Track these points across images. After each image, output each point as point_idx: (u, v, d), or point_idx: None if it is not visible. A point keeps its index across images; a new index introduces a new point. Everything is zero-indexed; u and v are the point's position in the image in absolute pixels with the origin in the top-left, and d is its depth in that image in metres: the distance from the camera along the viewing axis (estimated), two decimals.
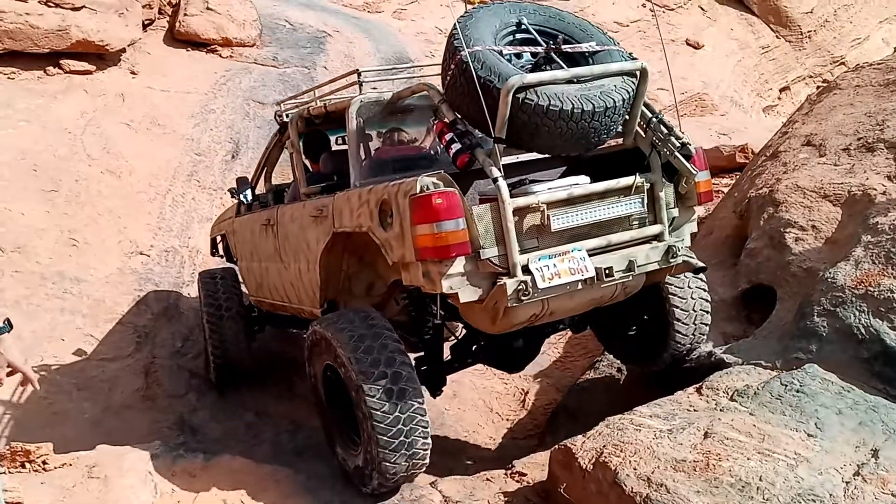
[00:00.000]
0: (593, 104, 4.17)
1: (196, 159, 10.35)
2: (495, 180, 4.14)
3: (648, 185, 4.59)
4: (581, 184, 4.47)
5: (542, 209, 4.26)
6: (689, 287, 5.31)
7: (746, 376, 4.83)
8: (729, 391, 4.68)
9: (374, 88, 5.69)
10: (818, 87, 19.17)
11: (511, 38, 4.50)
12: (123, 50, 11.44)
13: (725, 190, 9.79)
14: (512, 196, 4.19)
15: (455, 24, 4.36)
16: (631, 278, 4.58)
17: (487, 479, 5.24)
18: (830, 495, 3.74)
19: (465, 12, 4.51)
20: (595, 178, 4.55)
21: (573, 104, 4.13)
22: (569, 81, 4.22)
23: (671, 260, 4.65)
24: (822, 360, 4.84)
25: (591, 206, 4.43)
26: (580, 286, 4.36)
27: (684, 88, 17.21)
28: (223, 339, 6.92)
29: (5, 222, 8.12)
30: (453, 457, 6.31)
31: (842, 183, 6.03)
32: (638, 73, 4.39)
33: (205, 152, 10.52)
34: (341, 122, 5.05)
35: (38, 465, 4.26)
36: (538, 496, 4.74)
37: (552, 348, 7.97)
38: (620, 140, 4.73)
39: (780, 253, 5.82)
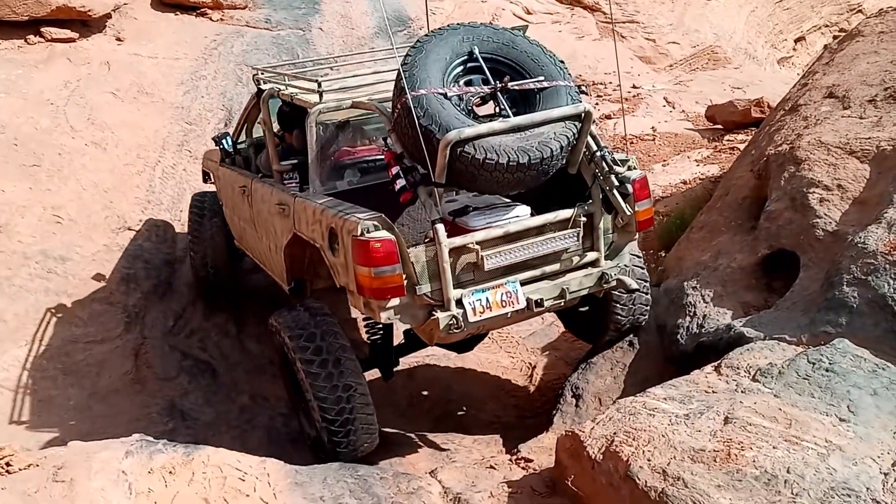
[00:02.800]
0: (529, 156, 4.30)
1: (187, 128, 9.93)
2: (433, 223, 4.41)
3: (586, 217, 4.77)
4: (519, 218, 4.71)
5: (476, 250, 4.51)
6: (631, 271, 5.43)
7: (770, 353, 4.43)
8: (751, 370, 4.29)
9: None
10: (835, 37, 18.52)
11: (462, 67, 4.55)
12: (108, 16, 10.96)
13: (741, 147, 9.34)
14: (449, 235, 4.45)
15: (403, 61, 4.44)
16: (562, 304, 4.85)
17: (491, 467, 4.91)
18: (868, 489, 3.37)
19: (417, 42, 4.56)
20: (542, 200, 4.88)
21: (509, 157, 4.26)
22: (508, 131, 4.31)
23: (604, 285, 4.91)
24: (853, 334, 4.44)
25: (527, 242, 4.65)
26: (510, 315, 4.66)
27: (696, 41, 16.65)
28: (204, 249, 7.40)
29: None
30: (458, 437, 5.98)
31: (869, 137, 5.57)
32: (581, 116, 4.50)
33: (196, 121, 10.10)
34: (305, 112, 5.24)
35: (2, 468, 3.94)
36: (545, 486, 4.39)
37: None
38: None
39: (802, 215, 5.39)
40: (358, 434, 4.87)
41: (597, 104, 13.48)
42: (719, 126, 11.79)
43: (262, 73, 5.94)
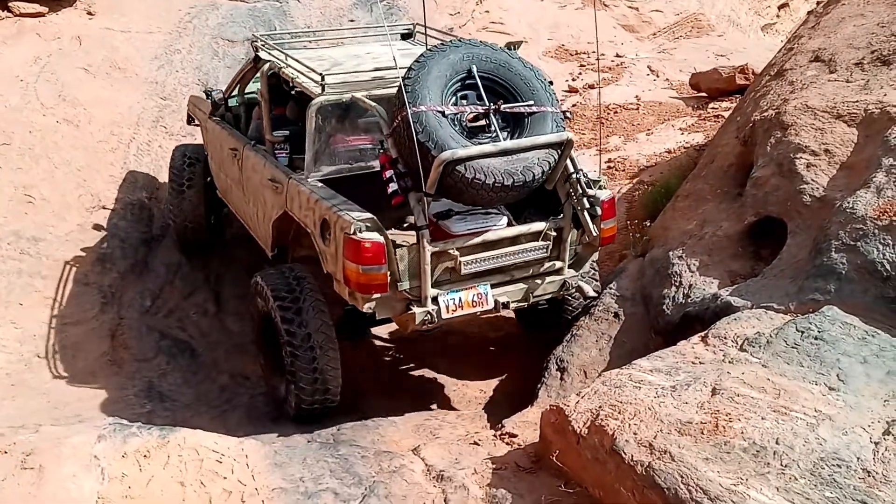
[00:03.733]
0: (514, 179, 4.75)
1: (162, 104, 9.69)
2: (419, 229, 4.78)
3: (555, 231, 5.21)
4: (496, 227, 5.13)
5: (455, 256, 4.96)
6: (590, 265, 5.82)
7: (757, 322, 4.34)
8: (738, 340, 4.20)
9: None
10: (819, 2, 18.39)
11: (461, 84, 4.95)
12: None
13: (726, 115, 9.22)
14: (432, 235, 4.87)
15: (406, 74, 4.83)
16: (525, 305, 5.39)
17: (475, 443, 4.81)
18: (858, 459, 3.29)
19: (421, 56, 4.93)
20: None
21: (495, 178, 4.71)
22: (497, 155, 4.73)
23: (564, 291, 5.43)
24: (843, 301, 4.35)
25: (501, 251, 5.09)
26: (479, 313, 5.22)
27: (679, 9, 16.45)
28: (183, 203, 7.54)
29: None
30: (442, 413, 5.88)
31: (857, 101, 5.46)
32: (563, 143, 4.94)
33: (171, 96, 9.85)
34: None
35: None
36: (530, 461, 4.30)
37: None
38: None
39: (789, 181, 5.28)
40: (326, 389, 5.29)
41: (580, 74, 13.34)
42: (704, 94, 11.65)
43: (261, 42, 6.23)
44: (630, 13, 16.23)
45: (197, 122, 7.83)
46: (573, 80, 13.15)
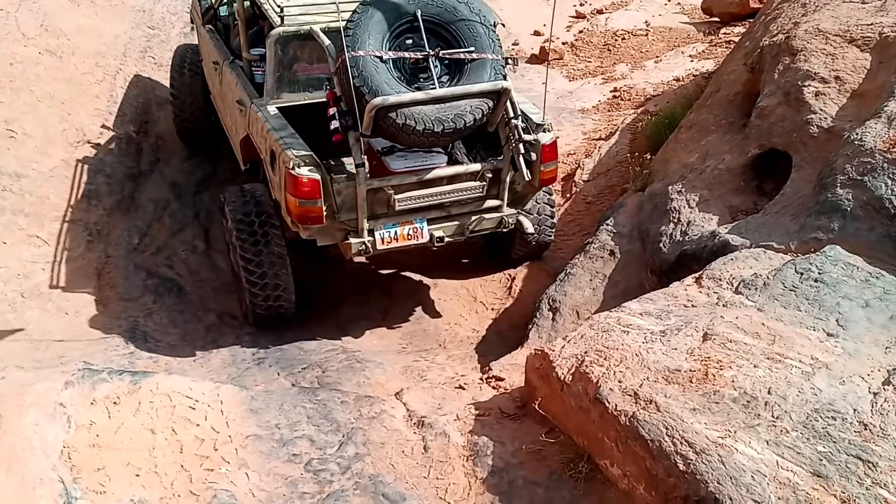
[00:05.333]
0: (444, 126, 4.93)
1: (150, 33, 9.38)
2: (358, 166, 4.99)
3: (492, 172, 5.38)
4: (434, 166, 5.36)
5: (390, 193, 5.17)
6: (535, 202, 6.10)
7: (755, 262, 4.10)
8: (734, 281, 3.97)
9: None
10: None
11: (408, 26, 5.05)
12: None
13: (738, 41, 8.80)
14: (375, 170, 5.21)
15: (350, 18, 4.97)
16: (462, 239, 5.57)
17: (460, 387, 4.66)
18: (855, 410, 3.09)
19: (364, 2, 5.04)
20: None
21: (425, 125, 4.90)
22: (429, 102, 4.88)
23: (502, 228, 5.60)
24: (846, 240, 4.10)
25: (438, 189, 5.29)
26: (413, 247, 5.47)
27: None
28: (183, 99, 7.80)
29: None
30: (432, 353, 5.73)
31: (871, 24, 5.10)
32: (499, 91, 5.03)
33: (159, 25, 9.54)
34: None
35: None
36: (515, 407, 4.14)
37: None
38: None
39: (796, 111, 4.97)
40: (278, 298, 5.72)
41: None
42: (716, 19, 11.17)
43: None
44: None
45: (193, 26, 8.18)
46: (580, 4, 12.65)
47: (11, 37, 8.36)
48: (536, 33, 11.57)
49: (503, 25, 5.62)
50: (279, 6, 5.62)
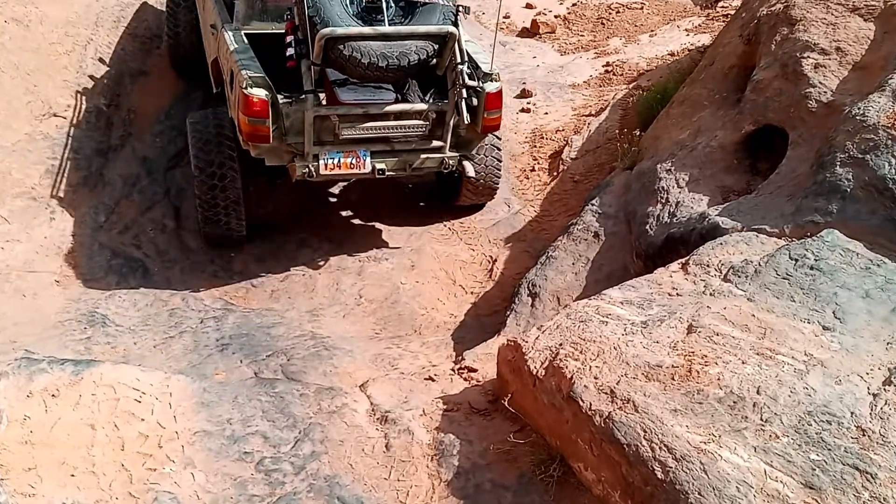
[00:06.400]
0: (388, 62, 5.24)
1: (123, 2, 8.94)
2: (306, 92, 5.33)
3: (436, 113, 5.67)
4: (380, 102, 5.64)
5: (335, 122, 5.50)
6: (482, 146, 6.34)
7: (746, 247, 3.79)
8: (722, 268, 3.66)
9: None
10: None
11: None
12: None
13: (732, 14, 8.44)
14: (328, 99, 5.59)
15: None
16: (405, 174, 5.98)
17: (429, 378, 4.37)
18: (852, 413, 2.80)
19: None
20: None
21: (370, 59, 5.21)
22: (375, 38, 5.20)
23: (444, 168, 5.92)
24: (846, 223, 3.78)
25: (382, 123, 5.61)
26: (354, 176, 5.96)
27: None
28: (177, 24, 7.87)
29: None
30: (405, 340, 5.44)
31: None
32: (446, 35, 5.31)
33: None
34: None
35: None
36: (486, 401, 3.86)
37: (528, 206, 6.95)
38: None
39: (794, 84, 4.64)
40: (228, 223, 6.13)
41: None
42: None
43: None
44: None
45: None
46: None
47: None
48: (528, 6, 11.17)
49: None
50: None
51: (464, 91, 5.43)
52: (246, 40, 5.90)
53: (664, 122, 5.86)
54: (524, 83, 8.68)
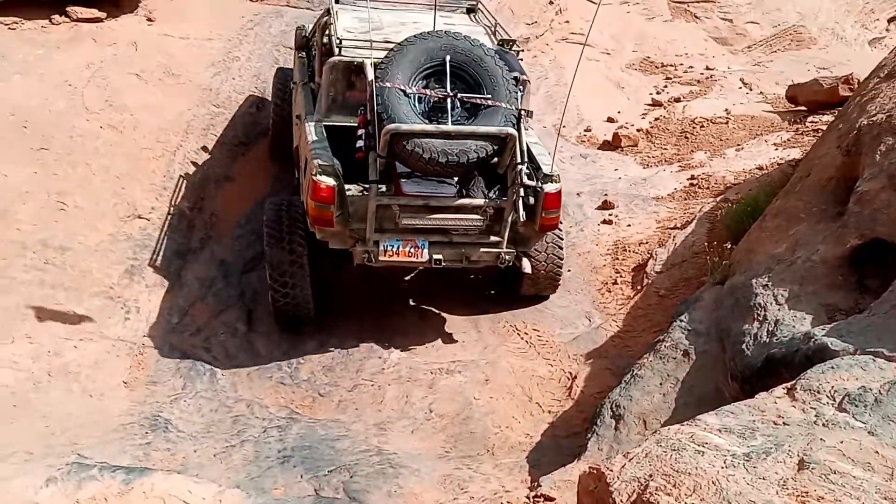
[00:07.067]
0: (448, 158, 5.52)
1: (214, 111, 9.25)
2: (371, 181, 5.62)
3: (495, 210, 5.87)
4: (441, 195, 5.88)
5: (396, 211, 5.75)
6: (545, 242, 6.51)
7: (862, 373, 3.38)
8: (836, 395, 3.26)
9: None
10: None
11: (434, 69, 5.77)
12: None
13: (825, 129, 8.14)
14: (378, 194, 5.70)
15: (385, 56, 5.79)
16: (461, 265, 6.08)
17: None
18: None
19: (402, 41, 5.82)
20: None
21: (431, 155, 5.52)
22: (437, 135, 5.52)
23: (500, 264, 6.08)
24: None
25: (441, 215, 5.83)
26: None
27: (777, 21, 15.33)
28: (278, 113, 8.43)
29: None
30: (477, 461, 5.08)
31: None
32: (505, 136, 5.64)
33: (224, 104, 9.41)
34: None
35: None
36: None
37: (610, 321, 6.63)
38: None
39: None
40: (296, 304, 6.32)
41: (665, 87, 12.39)
42: (802, 107, 10.54)
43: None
44: (723, 25, 15.20)
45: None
46: (657, 93, 12.21)
47: (75, 111, 8.33)
48: (610, 120, 11.14)
49: (527, 81, 6.24)
50: (339, 38, 6.41)
51: (521, 189, 5.66)
52: (324, 131, 6.28)
53: (757, 235, 5.54)
54: (605, 195, 8.49)
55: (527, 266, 6.21)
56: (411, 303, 6.99)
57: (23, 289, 6.59)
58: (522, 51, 7.04)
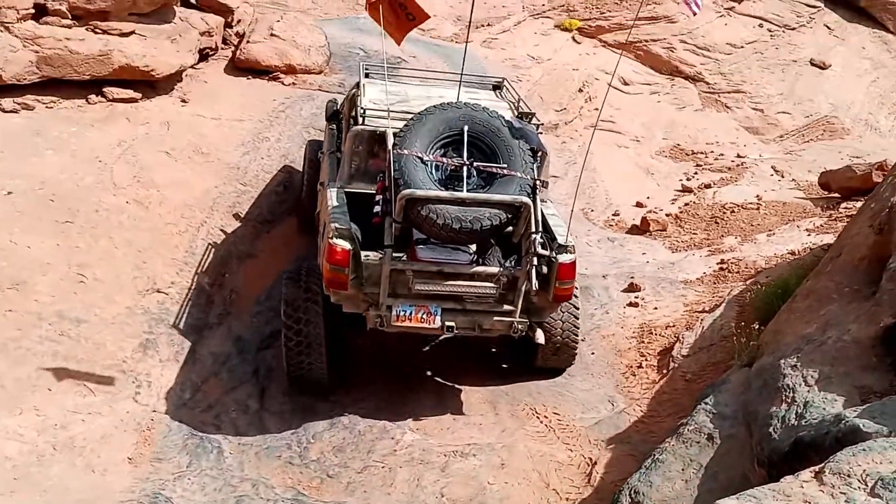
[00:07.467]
0: (461, 224, 5.59)
1: (241, 189, 9.33)
2: (386, 246, 5.67)
3: (508, 278, 5.84)
4: (455, 262, 5.87)
5: (410, 276, 5.75)
6: (561, 311, 6.47)
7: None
8: (867, 479, 2.98)
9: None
10: None
11: (452, 138, 5.88)
12: (179, 79, 10.70)
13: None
14: (392, 259, 5.70)
15: (406, 124, 5.95)
16: (474, 333, 6.00)
17: None
18: None
19: (423, 111, 5.98)
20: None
21: (445, 221, 5.58)
22: (452, 202, 5.59)
23: (513, 333, 5.99)
24: None
25: (455, 282, 5.80)
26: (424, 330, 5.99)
27: (809, 111, 15.34)
28: (305, 183, 8.69)
29: (8, 256, 7.23)
30: None
31: None
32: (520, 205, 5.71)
33: (251, 182, 9.50)
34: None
35: None
36: None
37: (634, 405, 6.36)
38: None
39: None
40: (311, 373, 6.36)
41: (695, 173, 12.33)
42: (835, 194, 10.38)
43: (366, 70, 7.77)
44: (754, 115, 15.23)
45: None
46: (687, 179, 12.14)
47: (102, 186, 8.44)
48: (639, 205, 11.06)
49: (545, 153, 6.33)
50: (363, 108, 6.58)
51: (535, 259, 5.65)
52: (344, 198, 6.35)
53: (787, 316, 5.31)
54: (632, 277, 8.31)
55: (540, 337, 6.17)
56: (428, 373, 6.87)
57: (36, 360, 6.52)
58: (542, 124, 7.01)
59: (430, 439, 6.04)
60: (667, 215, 10.55)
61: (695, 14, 6.06)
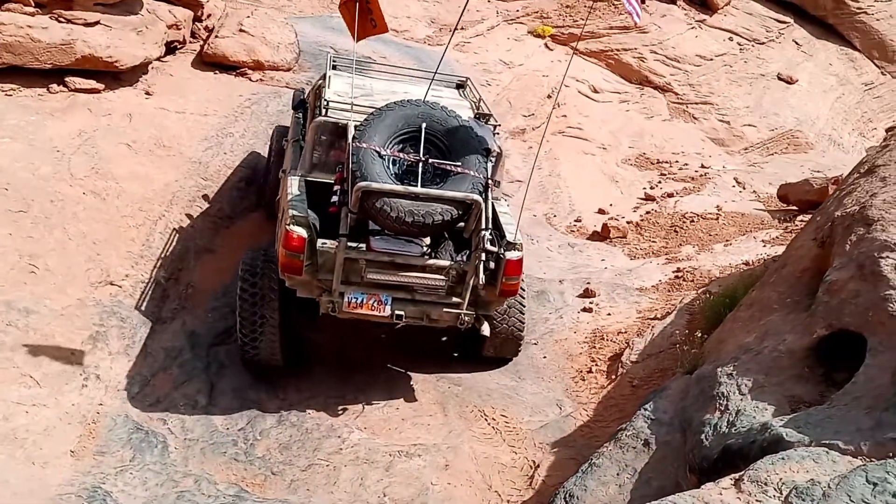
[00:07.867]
0: (413, 218, 5.75)
1: (202, 184, 9.24)
2: (341, 235, 5.84)
3: (456, 272, 6.01)
4: (407, 253, 6.01)
5: (363, 266, 5.92)
6: (507, 305, 6.63)
7: (813, 465, 3.17)
8: (783, 488, 3.04)
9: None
10: None
11: (410, 134, 6.07)
12: (144, 71, 10.59)
13: None
14: (347, 248, 5.87)
15: (366, 118, 6.14)
16: (422, 323, 6.19)
17: None
18: None
19: (383, 107, 6.17)
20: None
21: (398, 214, 5.73)
22: (406, 196, 5.75)
23: (460, 325, 6.14)
24: None
25: (406, 273, 5.97)
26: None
27: (775, 125, 15.56)
28: (268, 169, 8.87)
29: None
30: None
31: None
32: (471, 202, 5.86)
33: (213, 177, 9.41)
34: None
35: None
36: None
37: (581, 409, 6.41)
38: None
39: (872, 286, 4.16)
40: (263, 341, 6.43)
41: (659, 182, 12.45)
42: (793, 206, 10.55)
43: (334, 61, 7.93)
44: (720, 126, 15.41)
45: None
46: (651, 188, 12.26)
47: (59, 176, 8.32)
48: (601, 211, 11.16)
49: (500, 153, 6.49)
50: (327, 100, 6.73)
51: (483, 254, 5.78)
52: (304, 186, 6.51)
53: (730, 325, 5.39)
54: (588, 283, 8.37)
55: (486, 329, 6.28)
56: (381, 363, 7.01)
57: None
58: (499, 125, 7.08)
59: (376, 439, 6.04)
60: (628, 223, 10.64)
61: (636, 25, 6.30)
